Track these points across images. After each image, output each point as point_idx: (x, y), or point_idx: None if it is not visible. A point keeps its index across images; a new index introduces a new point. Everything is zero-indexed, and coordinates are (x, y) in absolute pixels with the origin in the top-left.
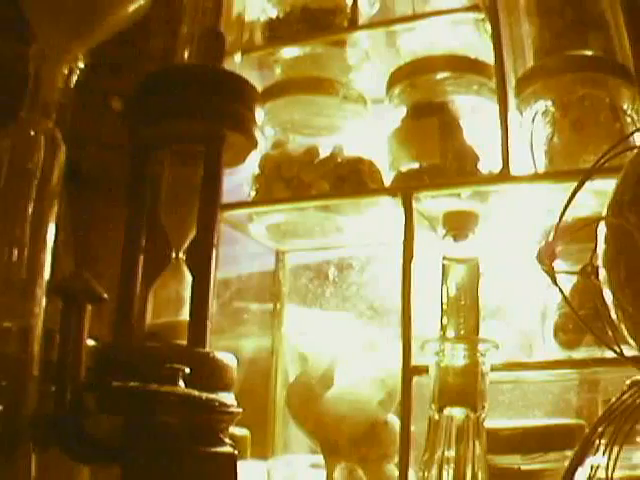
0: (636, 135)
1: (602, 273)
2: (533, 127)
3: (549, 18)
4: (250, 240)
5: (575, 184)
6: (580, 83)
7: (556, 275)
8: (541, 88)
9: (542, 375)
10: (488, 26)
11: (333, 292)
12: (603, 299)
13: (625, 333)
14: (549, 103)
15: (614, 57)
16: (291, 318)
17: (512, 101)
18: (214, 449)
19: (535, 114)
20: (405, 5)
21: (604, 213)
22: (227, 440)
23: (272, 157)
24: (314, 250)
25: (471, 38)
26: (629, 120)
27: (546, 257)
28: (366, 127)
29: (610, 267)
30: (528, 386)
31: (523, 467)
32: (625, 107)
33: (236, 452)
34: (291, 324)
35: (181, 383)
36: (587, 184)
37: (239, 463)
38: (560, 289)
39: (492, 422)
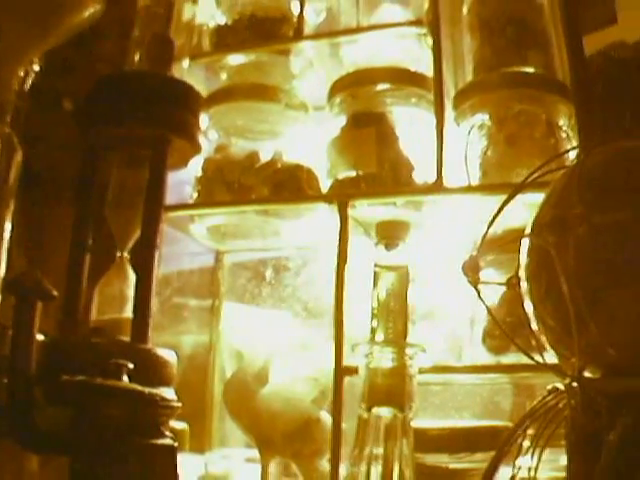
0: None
1: (524, 285)
2: (469, 140)
3: (491, 35)
4: (190, 239)
5: (505, 197)
6: (517, 99)
7: (485, 284)
8: (479, 102)
9: (471, 378)
10: (430, 40)
11: (270, 292)
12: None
13: (545, 343)
14: (485, 117)
15: (554, 74)
16: (229, 316)
17: (451, 113)
18: (156, 441)
19: (471, 127)
20: (350, 16)
21: (528, 229)
22: (168, 433)
23: (215, 161)
24: (252, 251)
25: (414, 50)
26: (564, 136)
27: (470, 270)
28: (307, 133)
29: (531, 281)
30: (458, 388)
31: (451, 466)
32: (561, 123)
33: (176, 444)
34: (228, 322)
35: (125, 378)
36: (520, 196)
37: (179, 455)
38: (483, 300)
39: (422, 422)
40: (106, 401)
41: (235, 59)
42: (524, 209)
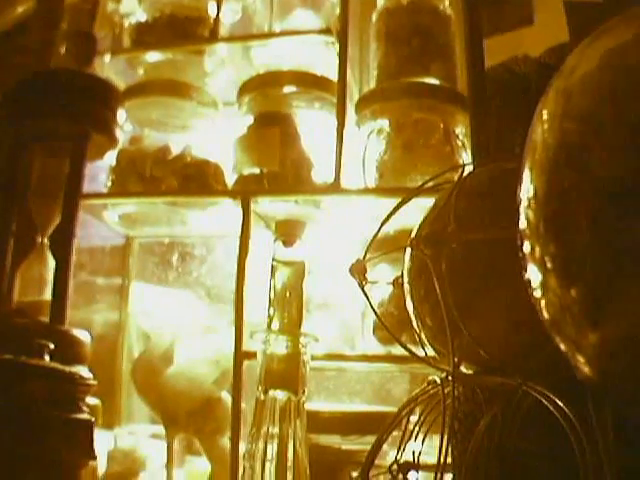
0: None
1: (407, 286)
2: (368, 143)
3: (396, 44)
4: (103, 224)
5: (399, 200)
6: (416, 108)
7: (373, 283)
8: (379, 109)
9: (364, 366)
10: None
11: (176, 278)
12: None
13: (424, 339)
14: (385, 123)
15: (455, 85)
16: (137, 299)
17: (353, 117)
18: (75, 416)
19: (371, 132)
20: (264, 17)
21: (412, 234)
22: (85, 408)
23: (128, 152)
24: (161, 237)
25: (323, 55)
26: (460, 144)
27: (356, 272)
28: (217, 129)
29: (412, 283)
30: (352, 375)
31: (343, 447)
32: (458, 132)
33: (93, 419)
34: (137, 305)
35: (47, 357)
36: (414, 200)
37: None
38: (368, 299)
39: (316, 405)
40: (30, 378)
41: (153, 56)
42: (418, 211)
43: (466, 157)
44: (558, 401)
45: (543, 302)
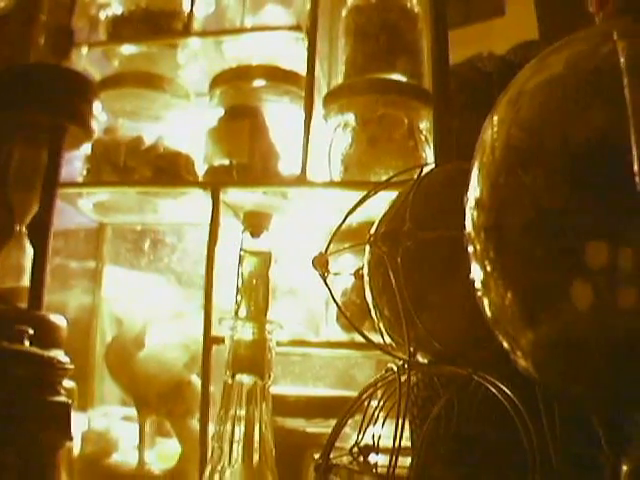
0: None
1: (367, 278)
2: (334, 137)
3: (364, 42)
4: (77, 211)
5: (364, 192)
6: (381, 103)
7: (335, 275)
8: (346, 104)
9: (328, 352)
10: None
11: (148, 264)
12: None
13: (383, 328)
14: (351, 117)
15: (421, 81)
16: (110, 285)
17: (321, 111)
18: (53, 398)
19: (337, 126)
20: (236, 11)
21: (372, 231)
22: (62, 391)
23: (103, 142)
24: (134, 224)
25: (294, 50)
26: (424, 139)
27: (319, 265)
28: (189, 119)
29: (371, 275)
30: (317, 360)
31: (307, 429)
32: (422, 127)
33: (70, 401)
34: (109, 291)
35: (26, 342)
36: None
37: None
38: (330, 291)
39: (282, 389)
40: (12, 362)
41: (128, 49)
42: (382, 203)
43: (429, 152)
44: (506, 389)
45: (485, 300)
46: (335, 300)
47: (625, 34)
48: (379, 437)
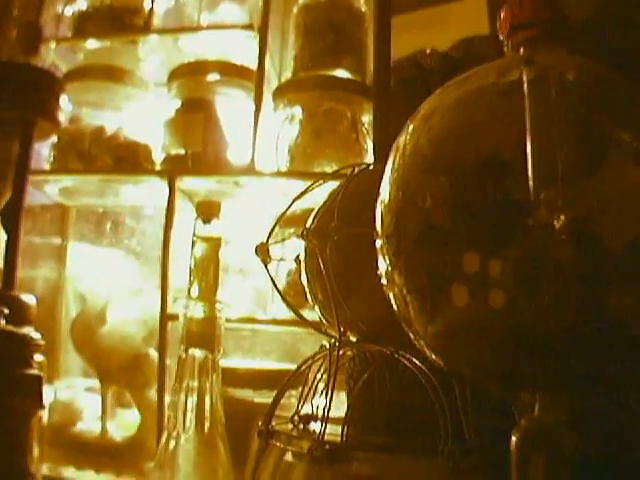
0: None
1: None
2: (282, 129)
3: (311, 40)
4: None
5: (308, 182)
6: (326, 98)
7: (278, 260)
8: (294, 98)
9: (275, 328)
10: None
11: (109, 244)
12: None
13: (317, 309)
14: (298, 111)
15: (364, 77)
16: (74, 264)
17: (271, 104)
18: (27, 371)
19: (285, 118)
20: (194, 8)
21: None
22: (35, 365)
23: (68, 131)
24: (96, 207)
25: (246, 46)
26: (366, 132)
27: (261, 253)
28: (149, 109)
29: (306, 263)
30: (265, 335)
31: (255, 400)
32: (364, 120)
33: (42, 374)
34: (74, 268)
35: (2, 321)
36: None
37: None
38: (270, 276)
39: (232, 362)
40: None
41: (92, 43)
42: (325, 192)
43: (370, 144)
44: (422, 366)
45: (391, 294)
46: (275, 285)
47: (529, 62)
48: (317, 407)
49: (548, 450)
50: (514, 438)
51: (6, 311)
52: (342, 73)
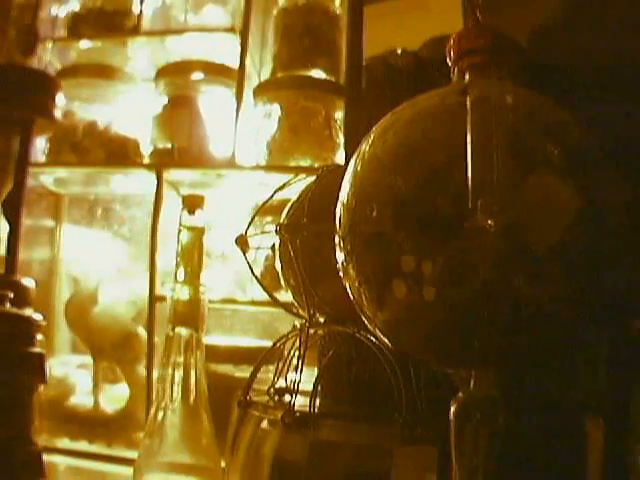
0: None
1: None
2: (261, 125)
3: (289, 42)
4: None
5: (286, 176)
6: (302, 97)
7: (257, 249)
8: (273, 97)
9: (254, 307)
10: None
11: (100, 228)
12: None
13: (290, 293)
14: (276, 108)
15: (338, 76)
16: (67, 248)
17: (251, 101)
18: (31, 349)
19: (264, 115)
20: (180, 10)
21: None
22: (37, 343)
23: (62, 125)
24: (88, 195)
25: (228, 46)
26: (339, 128)
27: (240, 243)
28: (137, 104)
29: (280, 252)
30: (244, 314)
31: (236, 374)
32: (337, 117)
33: (44, 351)
34: (67, 252)
35: (7, 304)
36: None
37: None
38: (248, 263)
39: (215, 339)
40: None
41: (84, 43)
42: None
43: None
44: (381, 345)
45: (347, 284)
46: (252, 272)
47: (465, 93)
48: (291, 381)
49: (481, 420)
50: (452, 409)
51: (10, 295)
52: (317, 73)
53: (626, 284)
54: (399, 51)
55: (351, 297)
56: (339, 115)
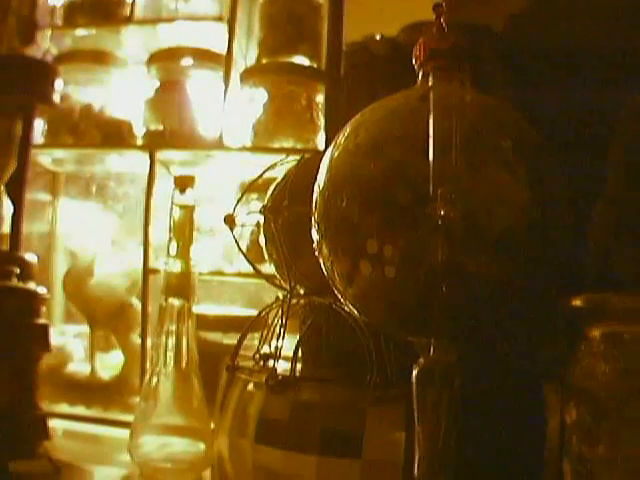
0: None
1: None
2: (247, 108)
3: (274, 30)
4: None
5: (270, 156)
6: (286, 82)
7: (243, 226)
8: (258, 81)
9: (241, 279)
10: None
11: (96, 204)
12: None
13: (273, 267)
14: (262, 92)
15: (320, 62)
16: (65, 222)
17: (238, 86)
18: (37, 321)
19: (250, 99)
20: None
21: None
22: (42, 315)
23: (60, 107)
24: (85, 174)
25: (217, 33)
26: (320, 112)
27: (228, 222)
28: (131, 87)
29: (264, 229)
30: (232, 285)
31: (224, 341)
32: (318, 101)
33: (48, 322)
34: (64, 227)
35: (14, 279)
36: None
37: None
38: (236, 242)
39: (204, 308)
40: (7, 296)
41: (80, 31)
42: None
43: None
44: (355, 316)
45: (321, 261)
46: (239, 247)
47: (425, 99)
48: (275, 347)
49: (439, 383)
50: (414, 373)
51: (17, 270)
52: (300, 59)
53: (567, 262)
54: (378, 37)
55: (325, 273)
56: (320, 99)
